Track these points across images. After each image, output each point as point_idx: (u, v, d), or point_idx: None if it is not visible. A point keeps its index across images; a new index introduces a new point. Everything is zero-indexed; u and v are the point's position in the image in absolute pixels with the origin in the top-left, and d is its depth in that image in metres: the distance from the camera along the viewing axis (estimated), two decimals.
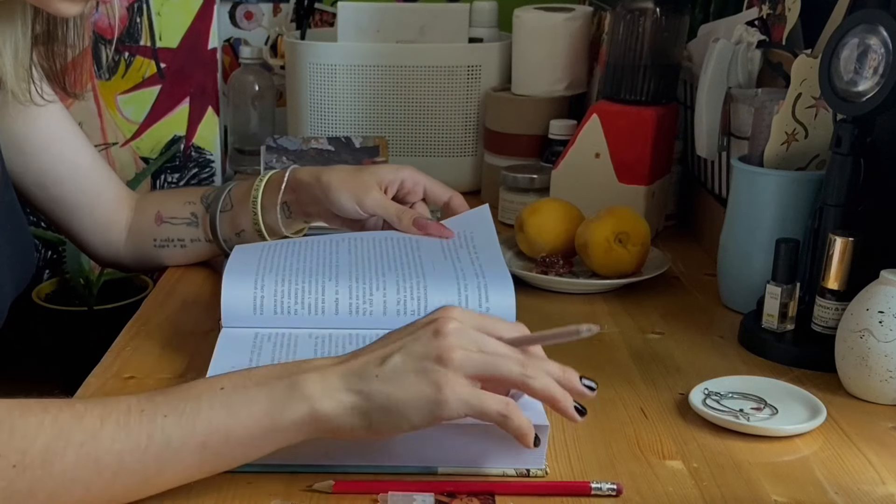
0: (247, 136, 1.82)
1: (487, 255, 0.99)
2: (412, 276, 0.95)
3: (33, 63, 0.98)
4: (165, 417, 0.68)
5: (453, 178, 1.59)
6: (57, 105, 1.07)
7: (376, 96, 1.57)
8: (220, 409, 0.68)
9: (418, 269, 0.96)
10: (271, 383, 0.70)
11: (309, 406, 0.69)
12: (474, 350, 0.71)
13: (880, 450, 0.82)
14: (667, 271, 1.20)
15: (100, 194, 1.13)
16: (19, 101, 0.98)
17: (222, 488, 0.73)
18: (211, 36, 1.86)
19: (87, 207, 1.12)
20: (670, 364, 0.98)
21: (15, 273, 1.00)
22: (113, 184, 1.15)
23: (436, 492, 0.73)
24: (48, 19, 0.97)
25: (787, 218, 1.05)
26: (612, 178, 1.33)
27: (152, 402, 0.69)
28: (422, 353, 0.70)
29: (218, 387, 0.70)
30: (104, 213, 1.14)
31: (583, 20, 1.53)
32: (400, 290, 0.93)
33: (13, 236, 1.00)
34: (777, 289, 1.00)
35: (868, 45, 0.92)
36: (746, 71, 1.20)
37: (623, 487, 0.75)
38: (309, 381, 0.69)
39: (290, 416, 0.69)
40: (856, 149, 0.96)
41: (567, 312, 1.12)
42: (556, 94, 1.53)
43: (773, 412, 0.86)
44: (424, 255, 0.99)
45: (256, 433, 0.69)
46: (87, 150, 1.12)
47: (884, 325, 0.88)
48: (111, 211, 1.15)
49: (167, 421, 0.67)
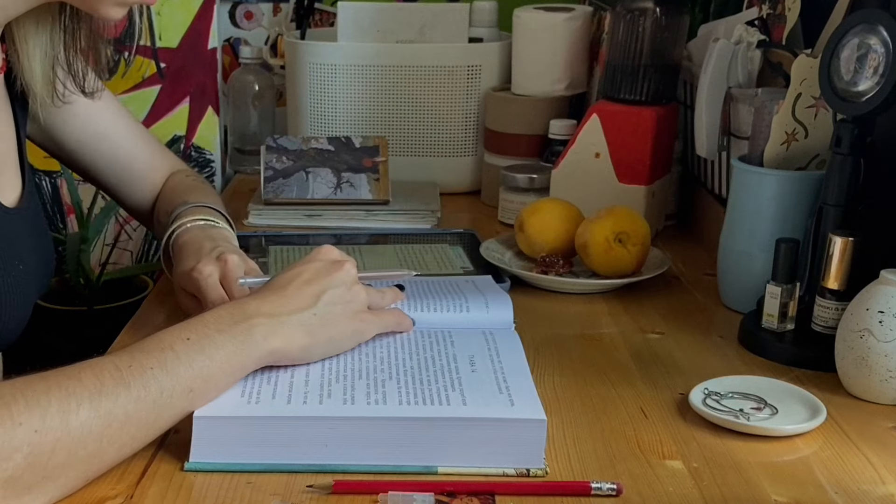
0: (247, 136, 1.82)
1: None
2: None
3: (60, 66, 1.00)
4: (152, 370, 0.75)
5: (453, 178, 1.60)
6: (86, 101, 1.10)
7: (376, 96, 1.57)
8: (197, 354, 0.78)
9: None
10: (230, 329, 0.81)
11: (267, 346, 0.82)
12: (363, 294, 0.91)
13: (880, 450, 0.82)
14: (667, 271, 1.20)
15: (137, 181, 1.21)
16: (45, 105, 1.01)
17: (222, 488, 0.73)
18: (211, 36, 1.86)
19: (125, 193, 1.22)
20: (670, 364, 0.98)
21: (39, 279, 1.03)
22: (154, 173, 1.22)
23: (436, 492, 0.73)
24: (77, 24, 0.99)
25: (787, 218, 1.05)
26: (612, 177, 1.33)
27: (133, 358, 0.75)
28: (342, 297, 0.88)
29: (184, 337, 0.79)
30: (140, 197, 1.22)
31: (583, 20, 1.53)
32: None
33: (37, 243, 1.03)
34: (777, 289, 1.00)
35: (868, 44, 0.92)
36: (746, 71, 1.20)
37: (623, 487, 0.75)
38: (263, 325, 0.82)
39: (255, 356, 0.81)
40: (856, 149, 0.96)
41: (567, 312, 1.12)
42: (556, 94, 1.53)
43: (773, 412, 0.86)
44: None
45: (228, 372, 0.79)
46: (124, 140, 1.18)
47: (884, 325, 0.88)
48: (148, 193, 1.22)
49: (154, 372, 0.75)
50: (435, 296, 1.00)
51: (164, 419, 0.76)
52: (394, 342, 0.91)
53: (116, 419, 0.72)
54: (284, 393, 0.80)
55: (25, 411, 0.68)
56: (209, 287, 0.97)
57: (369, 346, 0.90)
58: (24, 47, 0.97)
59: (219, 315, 0.82)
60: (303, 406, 0.78)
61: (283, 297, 0.86)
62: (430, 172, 1.59)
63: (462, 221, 1.46)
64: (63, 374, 0.72)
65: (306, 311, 0.85)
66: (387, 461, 0.76)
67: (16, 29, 0.96)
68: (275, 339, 0.82)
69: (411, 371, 0.84)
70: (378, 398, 0.79)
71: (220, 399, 0.79)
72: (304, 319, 0.85)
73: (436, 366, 0.86)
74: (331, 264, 0.90)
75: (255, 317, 0.82)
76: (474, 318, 0.97)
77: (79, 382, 0.71)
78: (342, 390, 0.80)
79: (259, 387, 0.81)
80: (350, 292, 0.89)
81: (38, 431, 0.68)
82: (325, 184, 1.45)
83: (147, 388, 0.74)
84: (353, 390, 0.80)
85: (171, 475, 0.75)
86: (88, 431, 0.70)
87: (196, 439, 0.76)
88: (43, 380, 0.71)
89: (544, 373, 0.95)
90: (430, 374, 0.84)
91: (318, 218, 1.43)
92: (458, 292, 1.01)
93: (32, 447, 0.67)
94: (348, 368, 0.85)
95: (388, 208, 1.44)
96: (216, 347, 0.79)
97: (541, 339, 1.03)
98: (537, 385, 0.83)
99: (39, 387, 0.70)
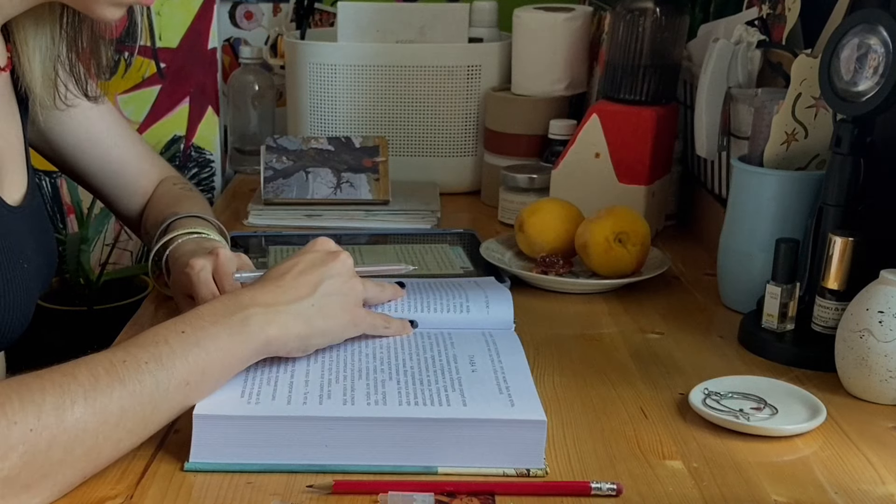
0: (247, 136, 1.82)
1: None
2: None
3: (61, 68, 1.01)
4: (147, 364, 0.75)
5: (453, 178, 1.60)
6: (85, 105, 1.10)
7: (376, 96, 1.57)
8: (192, 347, 0.77)
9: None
10: (225, 320, 0.80)
11: (264, 335, 0.81)
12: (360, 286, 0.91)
13: (880, 450, 0.82)
14: (667, 271, 1.20)
15: (128, 186, 1.20)
16: (45, 107, 1.01)
17: (222, 488, 0.73)
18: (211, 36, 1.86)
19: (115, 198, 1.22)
20: (670, 364, 0.98)
21: (41, 278, 1.03)
22: (144, 180, 1.21)
23: (436, 492, 0.73)
24: (76, 25, 0.99)
25: (787, 218, 1.05)
26: (612, 178, 1.33)
27: (128, 353, 0.75)
28: (339, 287, 0.87)
29: (179, 330, 0.78)
30: (130, 203, 1.22)
31: (583, 20, 1.53)
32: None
33: (41, 242, 1.03)
34: (777, 289, 1.00)
35: (868, 44, 0.92)
36: (746, 71, 1.20)
37: (623, 487, 0.75)
38: (259, 315, 0.81)
39: (252, 346, 0.81)
40: (856, 149, 0.96)
41: (567, 312, 1.12)
42: (556, 94, 1.53)
43: (773, 412, 0.86)
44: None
45: (225, 363, 0.79)
46: (116, 146, 1.18)
47: (884, 325, 0.88)
48: (139, 199, 1.22)
49: (150, 367, 0.75)
50: (436, 295, 1.00)
51: (161, 413, 0.75)
52: (394, 342, 0.91)
53: (112, 415, 0.72)
54: (284, 393, 0.80)
55: (20, 410, 0.68)
56: (201, 282, 0.97)
57: (369, 346, 0.90)
58: (24, 49, 0.97)
59: (213, 307, 0.81)
60: (303, 406, 0.78)
61: (280, 288, 0.85)
62: (430, 172, 1.59)
63: (462, 221, 1.46)
64: (58, 372, 0.72)
65: (304, 301, 0.85)
66: (387, 461, 0.76)
67: (16, 30, 0.96)
68: (271, 329, 0.82)
69: (411, 371, 0.84)
70: (378, 398, 0.79)
71: (220, 399, 0.79)
72: (302, 309, 0.84)
73: (436, 366, 0.86)
74: (327, 255, 0.89)
75: (251, 307, 0.82)
76: (475, 317, 0.97)
77: (73, 379, 0.71)
78: (342, 391, 0.80)
79: (259, 387, 0.81)
80: (347, 284, 0.88)
81: (33, 430, 0.68)
82: (325, 184, 1.45)
83: (142, 382, 0.73)
84: (353, 391, 0.80)
85: (171, 475, 0.75)
86: (84, 428, 0.70)
87: (196, 439, 0.76)
88: (37, 378, 0.71)
89: (544, 373, 0.95)
90: (431, 375, 0.84)
91: (318, 218, 1.43)
92: (459, 290, 1.01)
93: (28, 446, 0.68)
94: (348, 369, 0.85)
95: (388, 208, 1.44)
96: (211, 339, 0.78)
97: (541, 339, 1.03)
98: (537, 385, 0.83)
99: (34, 385, 0.70)
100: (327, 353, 0.88)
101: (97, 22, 0.97)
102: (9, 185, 0.97)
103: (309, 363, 0.85)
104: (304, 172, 1.46)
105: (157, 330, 0.78)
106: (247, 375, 0.82)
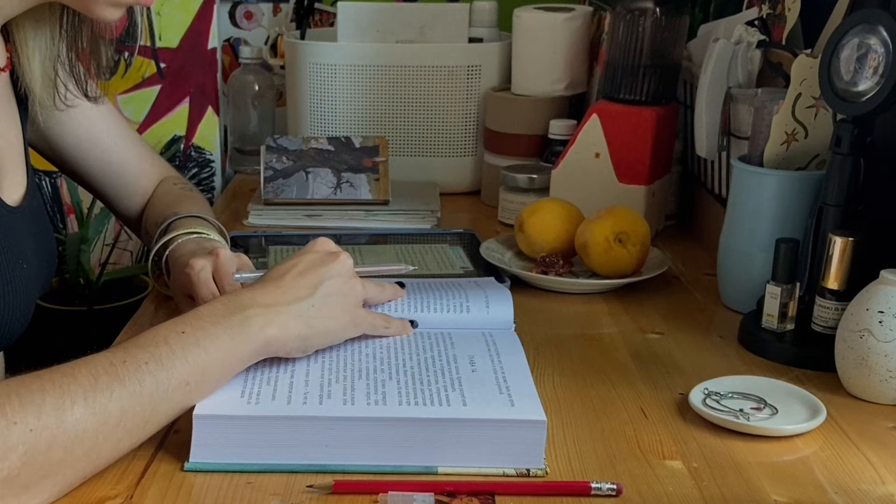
0: (247, 136, 1.82)
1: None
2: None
3: (61, 68, 1.01)
4: (147, 364, 0.74)
5: (453, 178, 1.60)
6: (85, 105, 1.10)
7: (376, 96, 1.57)
8: (192, 347, 0.77)
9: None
10: (225, 320, 0.80)
11: (264, 335, 0.81)
12: (360, 286, 0.91)
13: (880, 450, 0.82)
14: (667, 271, 1.20)
15: (128, 185, 1.21)
16: (45, 107, 1.01)
17: (222, 488, 0.73)
18: (211, 36, 1.86)
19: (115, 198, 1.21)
20: (670, 364, 0.98)
21: (41, 279, 1.03)
22: (144, 180, 1.21)
23: (436, 492, 0.73)
24: (76, 25, 0.99)
25: (787, 218, 1.05)
26: (612, 178, 1.33)
27: (128, 353, 0.75)
28: (339, 288, 0.87)
29: (179, 330, 0.78)
30: (130, 203, 1.22)
31: (583, 20, 1.53)
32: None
33: (40, 242, 1.03)
34: (777, 289, 1.00)
35: (868, 44, 0.92)
36: (746, 71, 1.20)
37: (623, 487, 0.75)
38: (259, 315, 0.81)
39: (252, 347, 0.81)
40: (856, 149, 0.96)
41: (567, 312, 1.12)
42: (555, 94, 1.53)
43: (773, 412, 0.86)
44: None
45: (225, 364, 0.79)
46: (116, 146, 1.18)
47: (884, 325, 0.88)
48: (139, 199, 1.22)
49: (150, 367, 0.74)
50: (436, 295, 1.00)
51: (161, 414, 0.75)
52: (394, 342, 0.91)
53: (112, 415, 0.72)
54: (284, 393, 0.80)
55: (20, 410, 0.68)
56: (201, 282, 0.97)
57: (369, 346, 0.90)
58: (24, 49, 0.97)
59: (213, 307, 0.81)
60: (303, 406, 0.78)
61: (280, 288, 0.85)
62: (430, 172, 1.59)
63: (462, 221, 1.46)
64: (57, 372, 0.72)
65: (304, 302, 0.85)
66: (387, 461, 0.76)
67: (16, 30, 0.96)
68: (271, 329, 0.82)
69: (411, 371, 0.84)
70: (378, 398, 0.79)
71: (220, 399, 0.79)
72: (302, 310, 0.84)
73: (436, 366, 0.86)
74: (327, 255, 0.89)
75: (251, 307, 0.82)
76: (475, 317, 0.97)
77: (73, 379, 0.71)
78: (342, 391, 0.80)
79: (259, 387, 0.81)
80: (347, 284, 0.88)
81: (33, 430, 0.68)
82: (325, 184, 1.45)
83: (142, 382, 0.73)
84: (353, 391, 0.80)
85: (171, 475, 0.75)
86: (84, 428, 0.70)
87: (196, 439, 0.76)
88: (37, 378, 0.71)
89: (544, 373, 0.95)
90: (431, 375, 0.84)
91: (318, 218, 1.43)
92: (459, 290, 1.01)
93: (28, 446, 0.68)
94: (348, 369, 0.85)
95: (388, 208, 1.44)
96: (211, 339, 0.78)
97: (541, 339, 1.03)
98: (537, 385, 0.83)
99: (34, 385, 0.70)
100: (327, 353, 0.88)
101: (97, 22, 0.97)
102: (8, 185, 0.97)
103: (309, 363, 0.85)
104: (304, 172, 1.46)
105: (156, 330, 0.78)
106: (247, 375, 0.82)
